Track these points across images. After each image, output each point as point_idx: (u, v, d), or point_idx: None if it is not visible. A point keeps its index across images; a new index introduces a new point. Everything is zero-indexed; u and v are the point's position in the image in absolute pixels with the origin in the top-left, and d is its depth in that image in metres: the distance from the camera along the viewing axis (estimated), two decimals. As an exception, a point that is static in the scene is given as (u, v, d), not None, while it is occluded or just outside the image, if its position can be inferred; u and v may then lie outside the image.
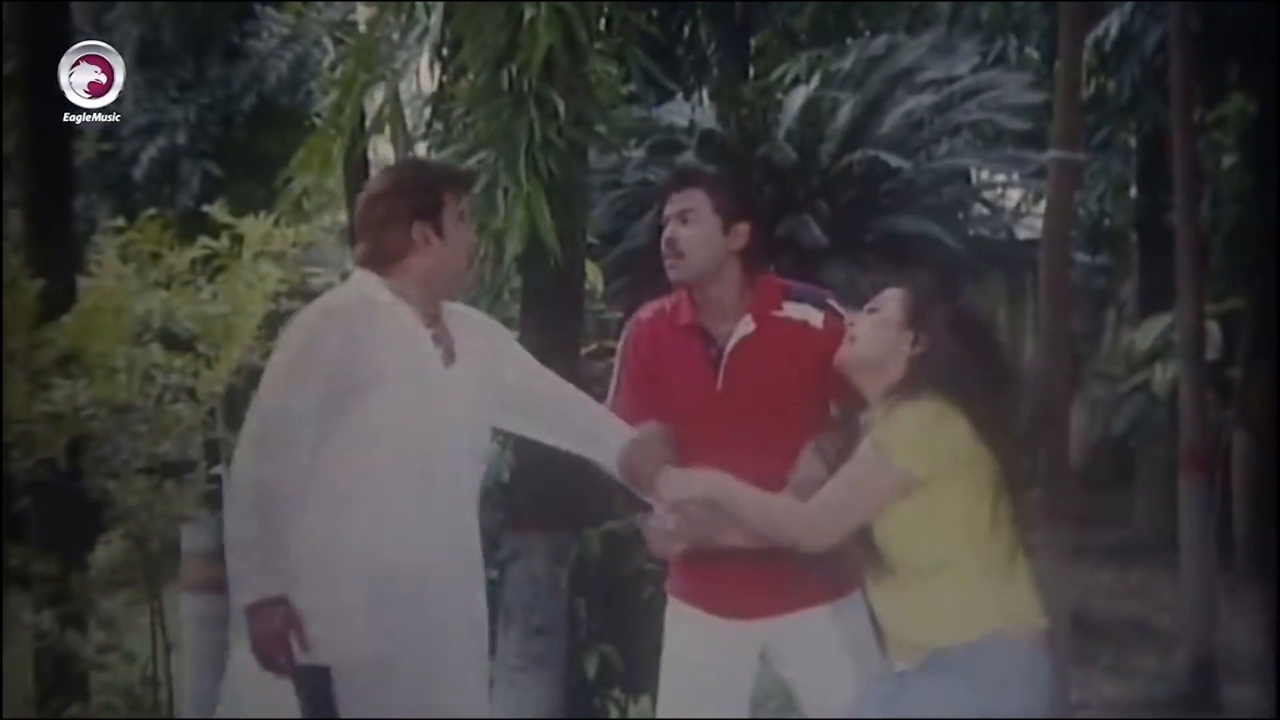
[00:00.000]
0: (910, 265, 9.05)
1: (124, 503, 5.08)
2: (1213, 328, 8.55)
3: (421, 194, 3.29)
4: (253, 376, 5.63)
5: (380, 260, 3.29)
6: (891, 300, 3.20)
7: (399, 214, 3.27)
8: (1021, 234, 11.41)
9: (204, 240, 5.44)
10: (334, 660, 3.12)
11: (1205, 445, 7.09)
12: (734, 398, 3.46)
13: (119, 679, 5.25)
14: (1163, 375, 9.31)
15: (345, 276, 8.44)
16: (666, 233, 3.55)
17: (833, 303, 3.56)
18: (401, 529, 3.17)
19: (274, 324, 5.70)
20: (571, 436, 3.50)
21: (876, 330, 3.17)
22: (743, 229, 3.53)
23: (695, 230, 3.50)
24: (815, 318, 3.52)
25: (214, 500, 5.34)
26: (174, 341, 5.36)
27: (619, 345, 3.73)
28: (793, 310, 3.54)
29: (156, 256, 5.43)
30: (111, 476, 5.07)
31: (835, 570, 3.38)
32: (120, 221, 5.64)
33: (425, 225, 3.27)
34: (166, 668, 5.25)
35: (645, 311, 3.69)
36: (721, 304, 3.53)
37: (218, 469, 5.29)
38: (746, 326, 3.50)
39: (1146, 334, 9.88)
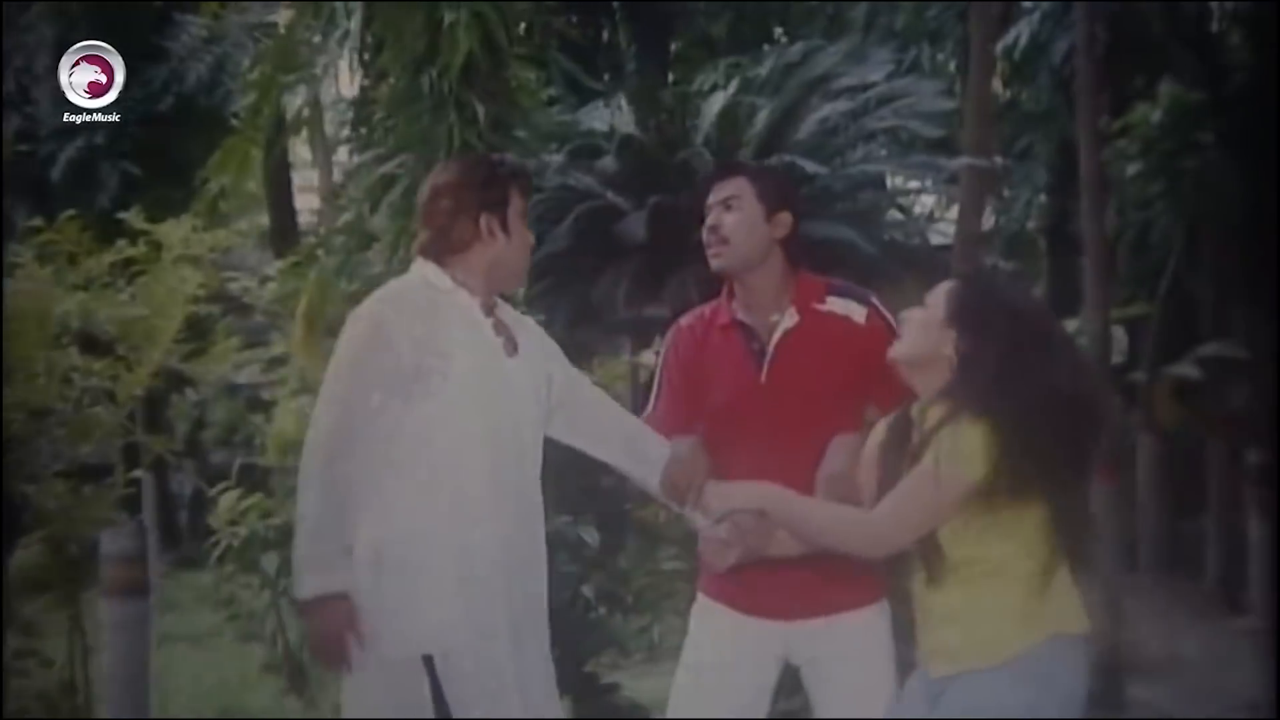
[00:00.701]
0: (826, 271, 9.22)
1: (43, 506, 5.06)
2: (1119, 332, 8.73)
3: (491, 187, 3.32)
4: (172, 380, 5.65)
5: (443, 250, 3.31)
6: (939, 295, 3.10)
7: (468, 205, 3.29)
8: (935, 239, 11.58)
9: (123, 243, 5.43)
10: (432, 649, 3.15)
11: (1111, 447, 7.22)
12: (777, 391, 3.45)
13: (36, 684, 5.21)
14: (1070, 379, 9.48)
15: (264, 281, 8.40)
16: (710, 220, 3.53)
17: (875, 301, 3.55)
18: (479, 512, 3.20)
19: (194, 327, 5.71)
20: (614, 446, 3.49)
21: (921, 327, 3.11)
22: (785, 218, 3.52)
23: (739, 216, 3.50)
24: (859, 314, 3.51)
25: (133, 504, 5.33)
26: (93, 344, 5.33)
27: (660, 351, 3.71)
28: (836, 305, 3.52)
29: (74, 259, 5.41)
30: (30, 480, 5.05)
31: (862, 577, 3.42)
32: (38, 222, 5.60)
33: (492, 218, 3.30)
34: (84, 673, 5.22)
35: (686, 318, 3.68)
36: (764, 295, 3.52)
37: (137, 472, 5.28)
38: (791, 318, 3.49)
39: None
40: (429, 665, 3.13)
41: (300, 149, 12.75)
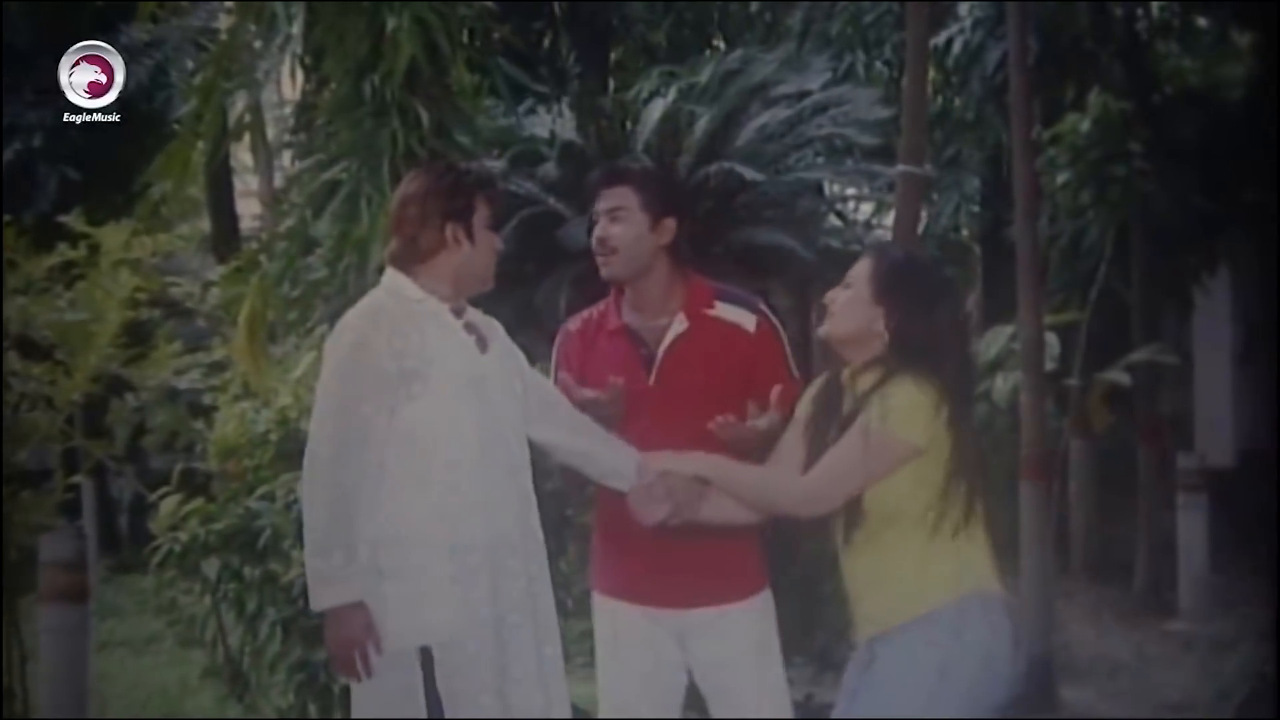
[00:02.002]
0: (766, 276, 9.29)
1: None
2: (1051, 339, 8.84)
3: (456, 197, 3.42)
4: (112, 384, 5.62)
5: (411, 258, 3.41)
6: (860, 277, 3.24)
7: (433, 214, 3.39)
8: (873, 246, 11.67)
9: (63, 247, 5.41)
10: (431, 640, 3.23)
11: (1044, 451, 7.33)
12: (665, 393, 3.57)
13: (-27, 690, 5.20)
14: (1004, 384, 9.61)
15: (206, 285, 8.32)
16: (597, 231, 3.65)
17: (764, 308, 3.68)
18: (472, 504, 3.29)
19: (135, 332, 5.70)
20: (571, 435, 3.56)
21: (849, 307, 3.24)
22: (670, 224, 3.64)
23: (625, 228, 3.61)
24: (749, 321, 3.64)
25: (72, 509, 5.32)
26: (31, 349, 5.32)
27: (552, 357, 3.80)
28: (725, 311, 3.65)
29: (14, 264, 5.39)
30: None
31: (745, 570, 3.60)
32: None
33: (457, 227, 3.40)
34: (22, 679, 5.20)
35: (573, 322, 3.80)
36: (651, 299, 3.64)
37: (77, 477, 5.26)
38: (681, 324, 3.61)
39: (989, 344, 10.18)
40: (425, 657, 3.21)
41: (242, 154, 12.70)
